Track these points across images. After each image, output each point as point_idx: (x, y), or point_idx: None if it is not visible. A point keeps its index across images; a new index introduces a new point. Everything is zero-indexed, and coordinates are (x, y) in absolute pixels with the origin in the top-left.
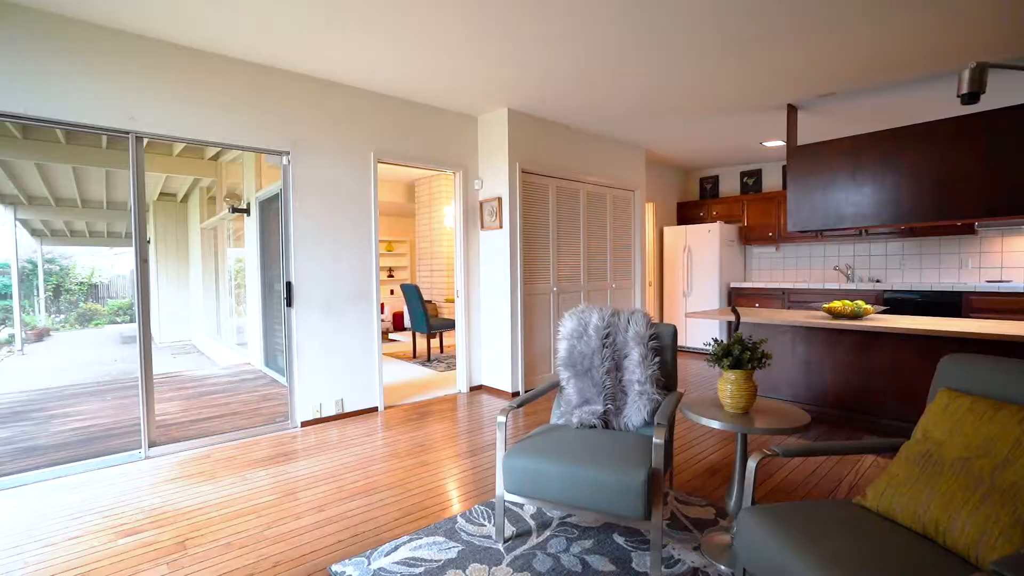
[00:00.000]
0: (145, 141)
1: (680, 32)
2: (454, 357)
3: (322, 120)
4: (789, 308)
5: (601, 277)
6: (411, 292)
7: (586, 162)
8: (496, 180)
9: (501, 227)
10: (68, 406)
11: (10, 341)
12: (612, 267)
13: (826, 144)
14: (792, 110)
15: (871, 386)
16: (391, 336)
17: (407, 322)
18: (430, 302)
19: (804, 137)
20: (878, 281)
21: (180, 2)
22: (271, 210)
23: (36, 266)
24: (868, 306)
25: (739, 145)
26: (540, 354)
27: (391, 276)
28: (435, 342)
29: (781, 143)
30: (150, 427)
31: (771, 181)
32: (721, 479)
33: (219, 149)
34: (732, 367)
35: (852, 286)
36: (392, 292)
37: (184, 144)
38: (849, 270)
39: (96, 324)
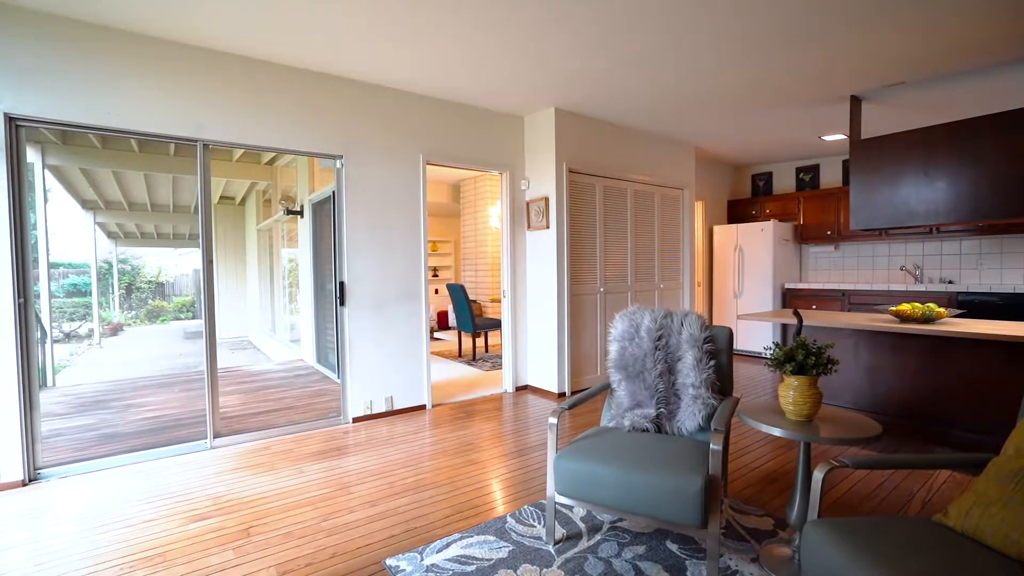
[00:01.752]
0: (210, 148)
1: (736, 24)
2: (499, 356)
3: (373, 124)
4: (849, 311)
5: (649, 277)
6: (457, 292)
7: (634, 160)
8: (543, 180)
9: (548, 227)
10: (141, 396)
11: (90, 335)
12: (660, 267)
13: (894, 137)
14: (856, 101)
15: (943, 395)
16: (436, 335)
17: (451, 321)
18: (475, 302)
19: (868, 130)
20: (951, 282)
21: (244, 18)
22: (323, 212)
23: (111, 266)
24: (940, 309)
25: (795, 140)
26: (586, 355)
27: (435, 275)
28: (480, 341)
29: (842, 137)
30: (215, 419)
31: (829, 177)
32: (779, 488)
33: (275, 154)
34: (795, 373)
35: (921, 287)
36: (436, 291)
37: (243, 150)
38: (917, 270)
39: (162, 320)
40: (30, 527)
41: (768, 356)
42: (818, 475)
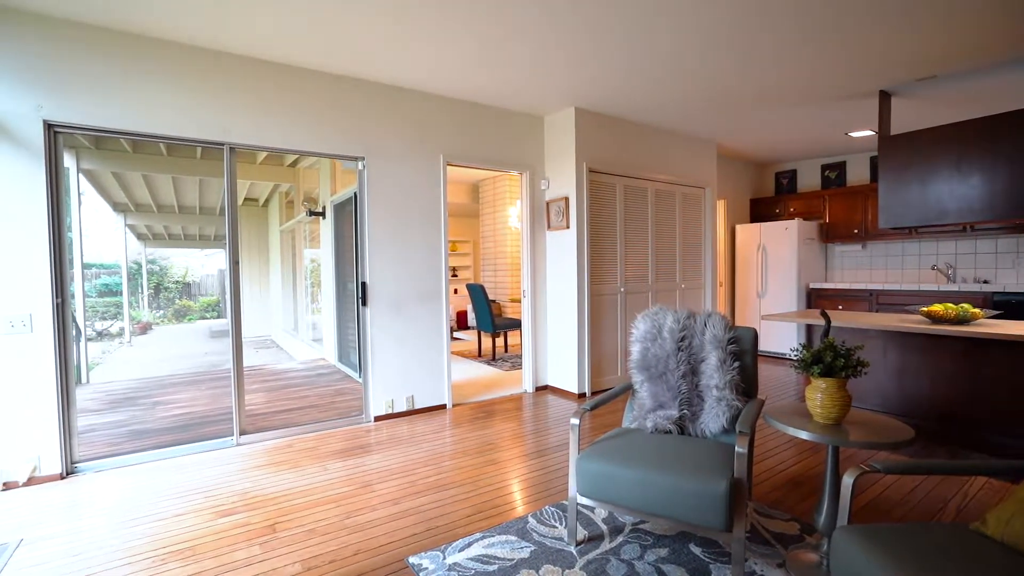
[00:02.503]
0: (236, 151)
1: (761, 20)
2: (518, 356)
3: (394, 125)
4: (877, 311)
5: (670, 277)
6: (476, 292)
7: (654, 159)
8: (563, 180)
9: (568, 227)
10: (169, 394)
11: (121, 334)
12: (681, 267)
13: (925, 132)
14: (885, 97)
15: (978, 399)
16: (455, 335)
17: (470, 321)
18: (495, 301)
19: (897, 126)
20: (986, 282)
21: (271, 24)
22: (344, 213)
23: (140, 266)
24: (976, 310)
25: (821, 136)
26: (607, 355)
27: (455, 275)
28: (499, 341)
29: (870, 133)
30: (241, 416)
31: (856, 174)
32: (805, 492)
33: (297, 156)
34: (823, 375)
35: (954, 287)
36: (456, 291)
37: (267, 153)
38: (950, 270)
39: (189, 319)
40: (68, 518)
41: (795, 358)
42: (848, 480)
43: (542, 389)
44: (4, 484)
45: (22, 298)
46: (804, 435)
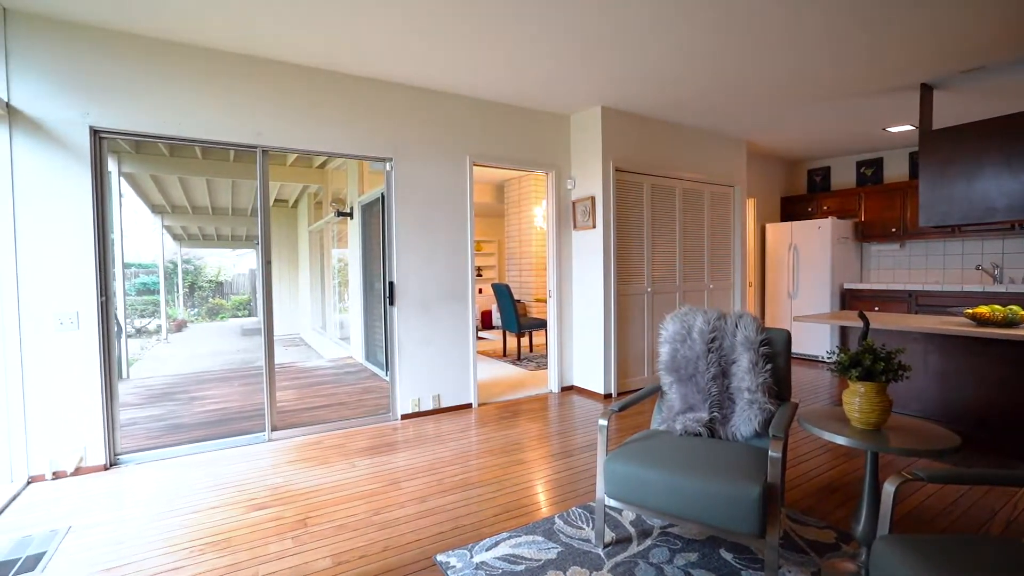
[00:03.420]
0: (268, 153)
1: (798, 11)
2: (543, 356)
3: (421, 126)
4: (917, 312)
5: (698, 278)
6: (502, 291)
7: (682, 158)
8: (589, 179)
9: (594, 227)
10: (204, 390)
11: (158, 331)
12: (709, 267)
13: (971, 126)
14: (927, 90)
15: None
16: (480, 334)
17: (495, 320)
18: (520, 301)
19: (939, 120)
20: None
21: (304, 31)
22: (372, 213)
23: (176, 266)
24: None
25: (856, 132)
26: (633, 356)
27: (479, 275)
28: (524, 341)
29: (910, 127)
30: (272, 413)
31: (894, 171)
32: (840, 499)
33: (326, 158)
34: (862, 379)
35: (1000, 288)
36: (480, 291)
37: (297, 155)
38: (996, 270)
39: (221, 317)
40: (112, 508)
41: (831, 360)
42: (889, 488)
43: (568, 389)
44: (54, 473)
45: (70, 296)
46: (841, 440)
